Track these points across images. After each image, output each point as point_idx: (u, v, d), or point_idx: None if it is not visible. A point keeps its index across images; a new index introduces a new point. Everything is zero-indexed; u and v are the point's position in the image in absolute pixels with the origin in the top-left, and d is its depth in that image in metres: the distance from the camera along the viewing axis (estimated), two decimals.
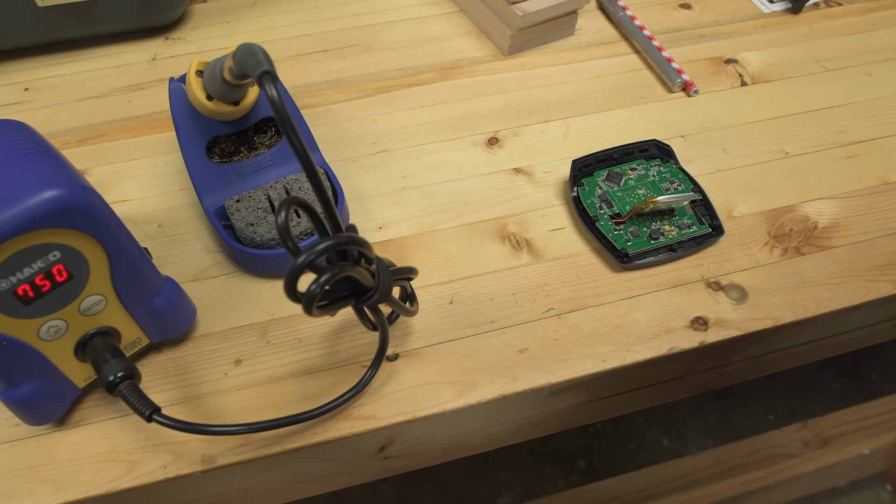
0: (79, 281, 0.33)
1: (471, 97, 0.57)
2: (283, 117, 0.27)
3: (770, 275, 0.45)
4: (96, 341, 0.35)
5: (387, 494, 1.03)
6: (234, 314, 0.43)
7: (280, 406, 0.39)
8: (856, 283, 0.45)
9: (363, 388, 0.38)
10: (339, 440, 0.38)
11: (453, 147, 0.53)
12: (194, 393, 0.39)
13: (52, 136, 0.54)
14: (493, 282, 0.45)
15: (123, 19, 0.60)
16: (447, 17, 0.65)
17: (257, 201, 0.44)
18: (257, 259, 0.43)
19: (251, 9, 0.66)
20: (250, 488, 0.41)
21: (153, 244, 0.47)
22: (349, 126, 0.55)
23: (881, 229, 0.48)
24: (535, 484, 1.06)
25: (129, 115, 0.56)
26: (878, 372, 1.19)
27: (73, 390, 0.37)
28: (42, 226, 0.30)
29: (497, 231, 0.48)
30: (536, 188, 0.50)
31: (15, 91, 0.58)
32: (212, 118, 0.43)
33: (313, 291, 0.28)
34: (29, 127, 0.35)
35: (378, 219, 0.48)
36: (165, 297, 0.38)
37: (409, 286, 0.39)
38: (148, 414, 0.34)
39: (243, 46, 0.31)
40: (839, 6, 0.66)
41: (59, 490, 0.36)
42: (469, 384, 0.40)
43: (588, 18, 0.65)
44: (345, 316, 0.42)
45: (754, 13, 0.66)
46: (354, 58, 0.61)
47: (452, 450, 0.44)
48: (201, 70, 0.41)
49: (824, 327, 0.46)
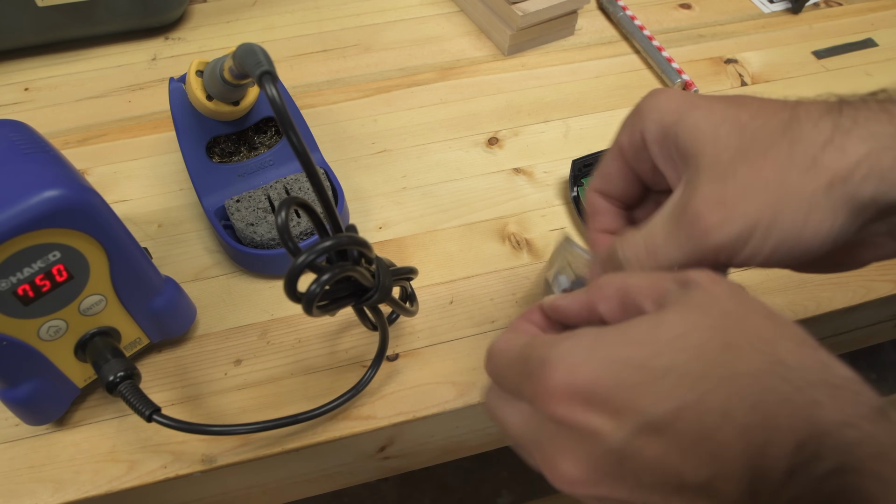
0: (79, 281, 0.33)
1: (471, 97, 0.57)
2: (283, 117, 0.27)
3: (770, 275, 0.45)
4: (96, 341, 0.35)
5: (387, 494, 1.03)
6: (234, 314, 0.43)
7: (280, 406, 0.39)
8: (856, 283, 0.44)
9: (363, 388, 0.37)
10: (339, 440, 0.38)
11: (453, 147, 0.53)
12: (194, 393, 0.39)
13: (52, 136, 0.54)
14: (493, 282, 0.45)
15: (123, 19, 0.60)
16: (447, 17, 0.65)
17: (257, 201, 0.44)
18: (257, 259, 0.43)
19: (251, 9, 0.66)
20: (250, 488, 0.41)
21: (153, 244, 0.47)
22: (349, 126, 0.55)
23: None
24: (535, 484, 1.06)
25: (129, 115, 0.56)
26: (878, 372, 1.19)
27: (73, 390, 0.37)
28: (42, 226, 0.30)
29: (497, 231, 0.48)
30: (536, 188, 0.50)
31: (15, 91, 0.58)
32: (212, 118, 0.43)
33: (313, 291, 0.28)
34: (29, 127, 0.35)
35: (378, 219, 0.48)
36: (165, 297, 0.38)
37: (409, 286, 0.39)
38: (148, 414, 0.34)
39: (243, 46, 0.31)
40: (839, 6, 0.66)
41: (59, 490, 0.36)
42: (469, 384, 0.40)
43: (588, 18, 0.65)
44: (345, 316, 0.42)
45: (754, 13, 0.66)
46: (354, 58, 0.61)
47: (452, 450, 0.44)
48: (201, 70, 0.41)
49: (824, 327, 0.46)
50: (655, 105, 0.28)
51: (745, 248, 0.25)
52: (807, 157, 0.24)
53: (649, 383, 0.21)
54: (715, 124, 0.26)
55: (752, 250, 0.25)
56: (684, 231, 0.25)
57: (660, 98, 0.28)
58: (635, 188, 0.31)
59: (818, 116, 0.25)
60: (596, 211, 0.31)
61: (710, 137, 0.26)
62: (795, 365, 0.21)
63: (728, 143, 0.25)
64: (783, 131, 0.25)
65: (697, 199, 0.25)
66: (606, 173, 0.31)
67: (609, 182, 0.31)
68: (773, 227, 0.24)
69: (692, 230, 0.25)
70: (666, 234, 0.26)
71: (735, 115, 0.26)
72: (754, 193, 0.24)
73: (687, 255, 0.26)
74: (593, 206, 0.31)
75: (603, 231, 0.31)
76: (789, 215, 0.24)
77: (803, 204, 0.24)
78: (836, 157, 0.24)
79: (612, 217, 0.31)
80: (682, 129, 0.26)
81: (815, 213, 0.24)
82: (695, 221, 0.25)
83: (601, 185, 0.31)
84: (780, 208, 0.24)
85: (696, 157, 0.26)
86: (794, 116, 0.25)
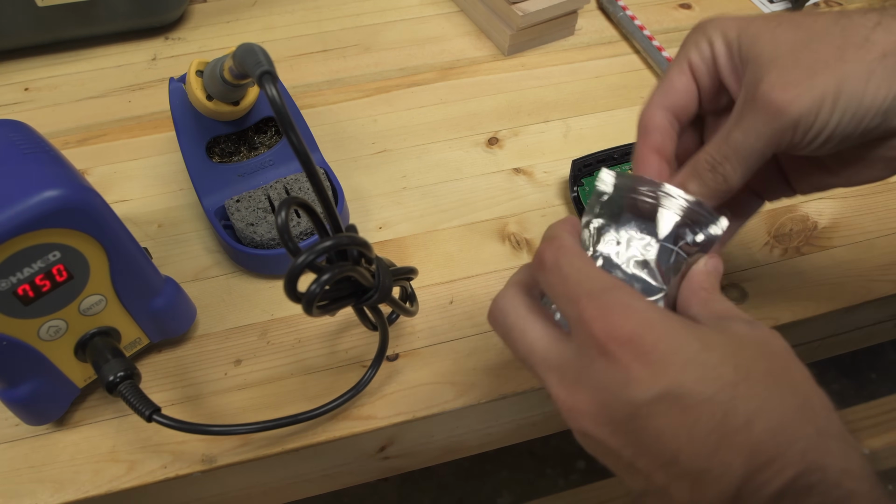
0: (79, 281, 0.33)
1: (471, 97, 0.57)
2: (283, 117, 0.27)
3: (770, 275, 0.45)
4: (96, 341, 0.35)
5: (387, 494, 1.03)
6: (234, 314, 0.43)
7: (280, 406, 0.39)
8: (856, 283, 0.44)
9: (363, 388, 0.37)
10: (339, 440, 0.38)
11: (453, 147, 0.53)
12: (194, 393, 0.39)
13: (52, 136, 0.54)
14: (494, 282, 0.45)
15: (123, 19, 0.60)
16: (447, 17, 0.65)
17: (257, 201, 0.44)
18: (257, 259, 0.43)
19: (251, 9, 0.66)
20: (250, 488, 0.41)
21: (153, 244, 0.47)
22: (349, 126, 0.55)
23: (881, 229, 0.48)
24: (535, 484, 1.06)
25: (129, 115, 0.56)
26: (878, 372, 1.19)
27: (73, 390, 0.37)
28: (42, 226, 0.30)
29: (497, 231, 0.48)
30: (536, 188, 0.50)
31: (15, 91, 0.58)
32: (212, 118, 0.43)
33: (313, 291, 0.28)
34: (29, 127, 0.35)
35: (378, 219, 0.48)
36: (165, 297, 0.38)
37: (409, 286, 0.39)
38: (148, 414, 0.34)
39: (243, 46, 0.31)
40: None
41: (59, 490, 0.36)
42: (469, 384, 0.40)
43: (588, 18, 0.65)
44: (345, 316, 0.42)
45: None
46: (354, 58, 0.61)
47: (452, 450, 0.44)
48: (201, 70, 0.41)
49: (824, 327, 0.46)
50: (719, 24, 0.30)
51: (816, 121, 0.27)
52: (859, 36, 0.27)
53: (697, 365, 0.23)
54: (772, 27, 0.28)
55: (823, 121, 0.27)
56: (759, 117, 0.27)
57: (720, 19, 0.31)
58: (693, 105, 0.32)
59: (864, 10, 0.28)
60: (652, 127, 0.31)
61: (769, 38, 0.28)
62: (822, 414, 0.24)
63: (786, 38, 0.28)
64: (835, 22, 0.28)
65: (766, 85, 0.27)
66: (671, 87, 0.32)
67: (672, 95, 0.31)
68: (840, 95, 0.26)
69: (766, 112, 0.27)
70: (743, 126, 0.28)
71: (789, 17, 0.29)
72: (817, 70, 0.27)
73: (766, 141, 0.28)
74: (651, 121, 0.31)
75: (653, 150, 0.31)
76: (851, 82, 0.26)
77: (862, 71, 0.26)
78: (886, 35, 0.27)
79: (666, 135, 0.31)
80: (744, 37, 0.29)
81: (873, 79, 0.26)
82: (768, 103, 0.27)
83: (663, 98, 0.32)
84: (842, 77, 0.26)
85: (757, 56, 0.28)
86: (842, 12, 0.28)
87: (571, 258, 0.26)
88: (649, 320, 0.24)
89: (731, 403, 0.22)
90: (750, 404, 0.22)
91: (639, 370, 0.23)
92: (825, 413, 0.24)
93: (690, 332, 0.24)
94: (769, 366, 0.24)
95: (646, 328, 0.23)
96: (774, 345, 0.25)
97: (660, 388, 0.22)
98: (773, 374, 0.24)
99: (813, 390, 0.24)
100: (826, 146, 0.28)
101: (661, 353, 0.23)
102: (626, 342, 0.23)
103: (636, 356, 0.23)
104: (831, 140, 0.27)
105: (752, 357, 0.24)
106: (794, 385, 0.24)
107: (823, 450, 0.23)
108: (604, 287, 0.25)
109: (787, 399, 0.23)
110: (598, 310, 0.24)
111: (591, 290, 0.25)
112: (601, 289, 0.25)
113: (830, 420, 0.24)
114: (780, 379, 0.24)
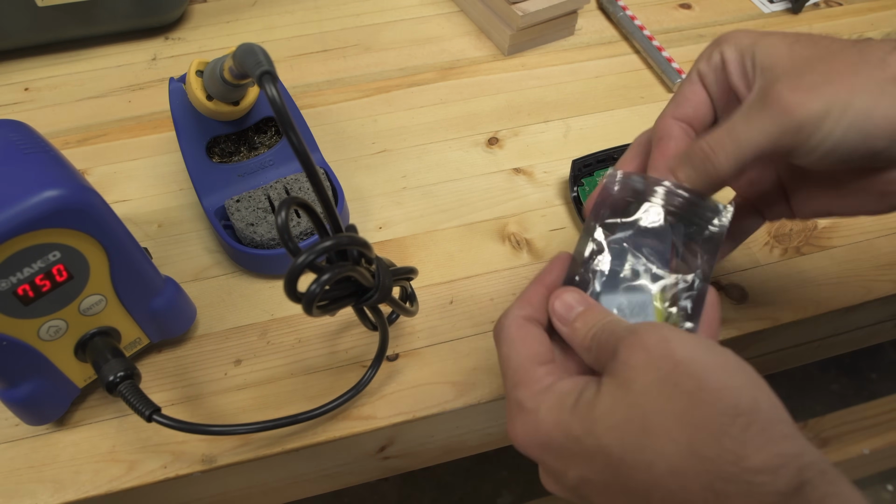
0: (79, 281, 0.33)
1: (471, 97, 0.57)
2: (283, 117, 0.27)
3: (770, 275, 0.45)
4: (96, 341, 0.35)
5: (387, 494, 1.03)
6: (234, 314, 0.43)
7: (280, 406, 0.39)
8: (856, 283, 0.44)
9: (363, 388, 0.37)
10: (339, 440, 0.38)
11: (453, 147, 0.53)
12: (194, 393, 0.39)
13: (52, 136, 0.54)
14: (493, 282, 0.45)
15: (123, 19, 0.60)
16: (447, 17, 0.65)
17: (257, 201, 0.44)
18: (257, 259, 0.43)
19: (251, 9, 0.66)
20: (250, 488, 0.41)
21: (153, 244, 0.47)
22: (349, 126, 0.55)
23: (881, 229, 0.48)
24: (535, 484, 1.05)
25: (129, 115, 0.56)
26: (878, 372, 1.19)
27: (73, 390, 0.37)
28: (42, 226, 0.30)
29: (497, 231, 0.48)
30: (536, 188, 0.50)
31: (15, 91, 0.58)
32: (212, 118, 0.43)
33: (313, 291, 0.28)
34: (29, 127, 0.35)
35: (378, 219, 0.48)
36: (165, 297, 0.38)
37: (409, 286, 0.39)
38: (148, 414, 0.34)
39: (243, 46, 0.31)
40: (839, 6, 0.66)
41: (59, 490, 0.36)
42: (469, 384, 0.40)
43: (588, 18, 0.65)
44: (345, 316, 0.42)
45: (754, 13, 0.66)
46: (354, 58, 0.61)
47: (452, 450, 0.44)
48: (201, 70, 0.41)
49: (824, 327, 0.46)
50: (733, 35, 0.31)
51: (823, 126, 0.27)
52: (875, 57, 0.27)
53: (576, 456, 0.26)
54: (789, 42, 0.29)
55: (830, 128, 0.27)
56: (767, 112, 0.28)
57: (736, 32, 0.31)
58: (707, 113, 0.32)
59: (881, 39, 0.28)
60: (667, 135, 0.32)
61: (787, 51, 0.29)
62: (711, 456, 0.23)
63: (802, 53, 0.28)
64: (852, 44, 0.28)
65: (781, 85, 0.28)
66: (682, 98, 0.32)
67: (683, 105, 0.32)
68: (849, 107, 0.27)
69: (774, 110, 0.27)
70: (748, 120, 0.28)
71: (807, 36, 0.29)
72: (831, 79, 0.27)
73: (770, 138, 0.28)
74: (665, 130, 0.32)
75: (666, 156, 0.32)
76: (862, 96, 0.27)
77: (874, 89, 0.27)
78: None
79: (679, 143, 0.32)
80: (759, 48, 0.30)
81: (884, 98, 0.27)
82: (778, 101, 0.27)
83: (675, 110, 0.32)
84: (853, 91, 0.27)
85: (773, 65, 0.29)
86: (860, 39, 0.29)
87: (512, 345, 0.29)
88: (541, 424, 0.27)
89: (609, 489, 0.25)
90: (646, 455, 0.24)
91: (553, 465, 0.27)
92: (715, 449, 0.23)
93: (574, 423, 0.26)
94: (641, 421, 0.24)
95: (541, 431, 0.27)
96: (641, 379, 0.25)
97: (568, 480, 0.26)
98: (646, 430, 0.24)
99: (696, 420, 0.23)
100: (828, 158, 0.28)
101: (553, 452, 0.27)
102: (529, 442, 0.27)
103: (541, 452, 0.27)
104: (834, 152, 0.27)
105: (620, 420, 0.24)
106: (672, 431, 0.23)
107: (718, 498, 0.22)
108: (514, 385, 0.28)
109: (666, 459, 0.23)
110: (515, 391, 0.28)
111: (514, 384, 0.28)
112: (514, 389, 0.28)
113: (722, 457, 0.23)
114: (655, 434, 0.24)
